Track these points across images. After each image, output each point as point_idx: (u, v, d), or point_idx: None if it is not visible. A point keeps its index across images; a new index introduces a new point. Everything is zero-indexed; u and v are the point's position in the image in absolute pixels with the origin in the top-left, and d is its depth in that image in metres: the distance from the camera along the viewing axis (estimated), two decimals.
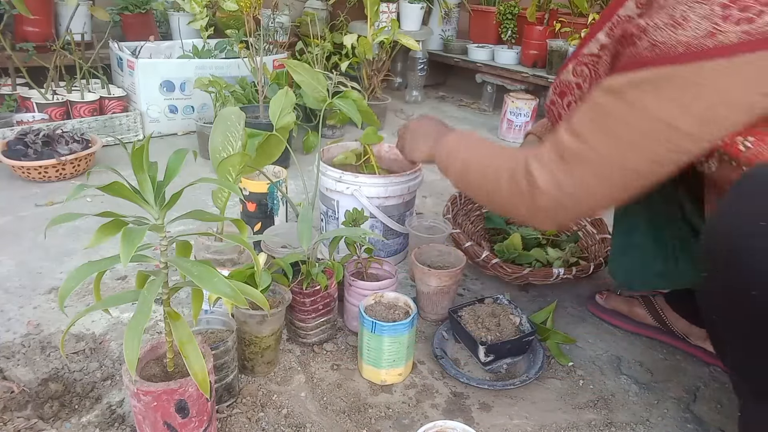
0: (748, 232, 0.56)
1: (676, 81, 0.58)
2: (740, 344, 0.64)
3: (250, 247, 0.67)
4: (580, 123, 0.66)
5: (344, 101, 1.11)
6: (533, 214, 0.73)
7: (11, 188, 1.55)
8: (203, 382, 0.61)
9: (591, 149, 0.65)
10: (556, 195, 0.69)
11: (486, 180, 0.80)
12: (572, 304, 1.16)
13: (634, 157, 0.63)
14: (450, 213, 1.27)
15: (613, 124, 0.63)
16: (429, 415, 0.85)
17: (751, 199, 0.57)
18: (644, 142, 0.61)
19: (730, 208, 0.59)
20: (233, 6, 1.90)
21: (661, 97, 0.59)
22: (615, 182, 0.65)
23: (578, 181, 0.67)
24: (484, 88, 2.78)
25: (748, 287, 0.56)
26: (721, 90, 0.57)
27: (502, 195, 0.77)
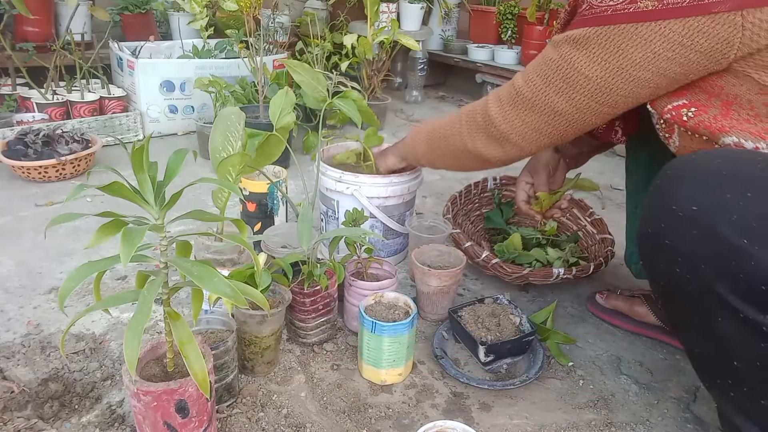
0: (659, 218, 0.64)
1: (595, 40, 0.69)
2: (682, 329, 0.70)
3: (250, 247, 0.67)
4: (529, 68, 0.80)
5: (344, 101, 1.10)
6: (488, 144, 0.87)
7: (11, 188, 1.55)
8: (203, 382, 0.61)
9: (529, 89, 0.79)
10: (501, 125, 0.83)
11: (448, 126, 0.94)
12: (572, 304, 1.16)
13: (558, 99, 0.76)
14: (450, 213, 1.27)
15: (547, 70, 0.76)
16: (429, 415, 0.85)
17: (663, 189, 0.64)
18: (566, 88, 0.75)
19: (648, 198, 0.67)
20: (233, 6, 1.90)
21: (582, 52, 0.71)
22: (543, 119, 0.79)
23: (518, 113, 0.81)
24: (484, 88, 2.78)
25: (666, 269, 0.63)
26: (631, 50, 0.67)
27: (462, 133, 0.90)
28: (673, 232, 0.61)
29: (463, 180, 1.80)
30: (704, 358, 0.68)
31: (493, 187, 1.43)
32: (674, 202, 0.61)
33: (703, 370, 0.70)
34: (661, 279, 0.66)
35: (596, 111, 0.75)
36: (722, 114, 0.67)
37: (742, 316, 0.57)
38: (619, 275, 1.26)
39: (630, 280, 1.18)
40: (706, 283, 0.59)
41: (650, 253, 0.66)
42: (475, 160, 0.91)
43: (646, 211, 0.66)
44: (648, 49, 0.66)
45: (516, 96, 0.81)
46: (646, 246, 0.67)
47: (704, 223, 0.58)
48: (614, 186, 1.83)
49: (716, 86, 0.68)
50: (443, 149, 0.95)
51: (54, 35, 2.09)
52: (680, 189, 0.61)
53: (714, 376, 0.67)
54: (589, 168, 1.98)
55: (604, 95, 0.72)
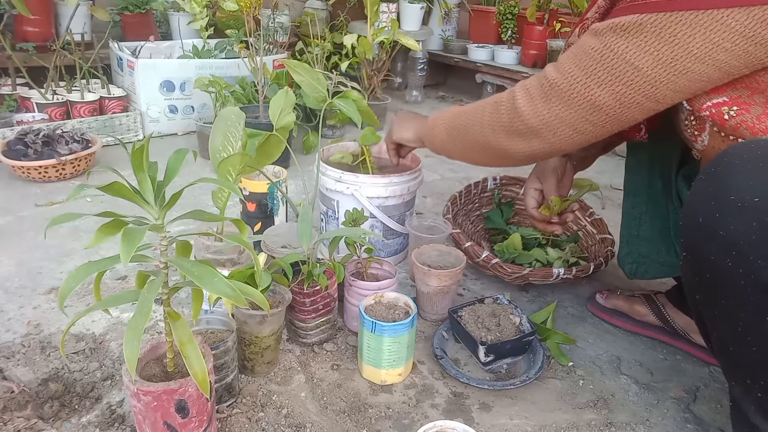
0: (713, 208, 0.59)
1: (648, 27, 0.64)
2: (719, 325, 0.66)
3: (250, 247, 0.67)
4: (563, 58, 0.74)
5: (344, 101, 1.11)
6: (511, 140, 0.80)
7: (11, 188, 1.55)
8: (203, 382, 0.61)
9: (565, 80, 0.72)
10: (530, 120, 0.76)
11: (470, 116, 0.86)
12: (572, 304, 1.16)
13: (599, 92, 0.69)
14: (450, 213, 1.27)
15: (587, 60, 0.70)
16: (429, 415, 0.85)
17: (719, 177, 0.60)
18: (610, 80, 0.68)
19: (700, 186, 0.63)
20: (233, 6, 1.90)
21: (632, 41, 0.65)
22: (581, 114, 0.72)
23: (551, 108, 0.74)
24: (484, 88, 2.78)
25: (716, 260, 0.59)
26: (688, 40, 0.62)
27: (484, 126, 0.83)
28: (729, 223, 0.57)
29: (463, 180, 1.80)
30: (738, 357, 0.64)
31: (493, 187, 1.43)
32: (732, 192, 0.57)
33: (733, 368, 0.67)
34: (707, 272, 0.62)
35: (641, 106, 0.68)
36: (766, 113, 0.64)
37: None
38: (619, 275, 1.26)
39: (630, 281, 1.18)
40: (759, 279, 0.56)
41: (698, 244, 0.62)
42: (496, 155, 0.85)
43: (697, 198, 0.62)
44: (707, 39, 0.61)
45: (549, 88, 0.74)
46: (694, 236, 0.62)
47: (765, 215, 0.54)
48: (614, 186, 1.83)
49: (762, 82, 0.64)
50: (463, 140, 0.88)
51: (54, 35, 2.09)
52: (739, 178, 0.57)
53: (744, 376, 0.64)
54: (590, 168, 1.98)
55: (653, 88, 0.66)
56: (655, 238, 0.99)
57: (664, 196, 0.96)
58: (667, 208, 0.97)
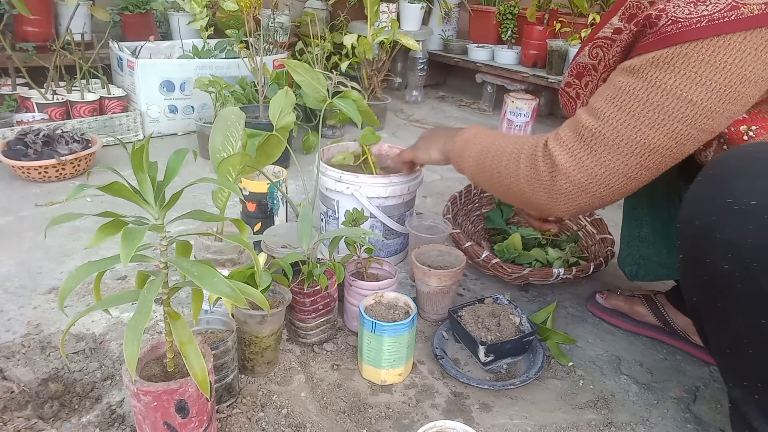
0: (710, 211, 0.58)
1: (694, 57, 0.60)
2: (716, 327, 0.65)
3: (250, 247, 0.67)
4: (599, 102, 0.68)
5: (344, 101, 1.11)
6: (553, 199, 0.73)
7: (11, 188, 1.55)
8: (203, 382, 0.61)
9: (610, 127, 0.66)
10: (576, 176, 0.70)
11: (503, 163, 0.80)
12: (572, 304, 1.16)
13: (652, 134, 0.64)
14: (450, 213, 1.27)
15: (631, 102, 0.65)
16: (429, 415, 0.85)
17: (717, 180, 0.59)
18: (663, 119, 0.63)
19: (697, 189, 0.62)
20: (233, 6, 1.90)
21: (679, 73, 0.61)
22: (634, 160, 0.67)
23: (599, 159, 0.68)
24: (484, 88, 2.78)
25: (713, 263, 0.58)
26: (739, 64, 0.58)
27: (520, 180, 0.76)
28: (726, 226, 0.56)
29: (463, 180, 1.80)
30: (736, 359, 0.64)
31: None
32: (729, 195, 0.56)
33: (732, 371, 0.66)
34: (704, 274, 0.61)
35: (697, 140, 0.64)
36: None
37: None
38: (619, 275, 1.26)
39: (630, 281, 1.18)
40: (757, 282, 0.55)
41: (696, 247, 0.61)
42: (534, 209, 0.81)
43: (695, 201, 0.61)
44: (759, 60, 0.58)
45: (591, 138, 0.68)
46: (691, 238, 0.62)
47: (762, 219, 0.54)
48: None
49: None
50: (495, 184, 0.83)
51: (54, 35, 2.09)
52: (737, 181, 0.56)
53: (742, 378, 0.64)
54: None
55: (709, 120, 0.62)
56: (656, 240, 0.99)
57: (666, 198, 0.96)
58: (669, 211, 0.97)
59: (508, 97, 2.27)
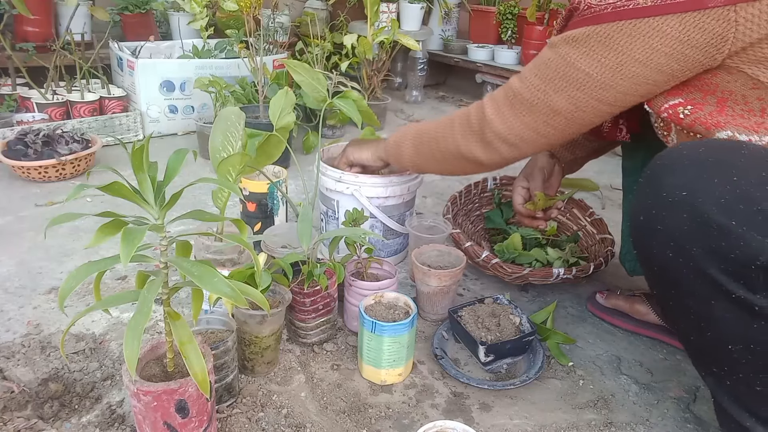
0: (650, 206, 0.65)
1: (594, 37, 0.71)
2: (676, 316, 0.70)
3: (250, 247, 0.67)
4: (526, 69, 0.81)
5: (344, 101, 1.11)
6: (483, 149, 0.86)
7: (11, 188, 1.55)
8: (203, 382, 0.61)
9: (528, 89, 0.79)
10: (498, 127, 0.83)
11: (439, 129, 0.92)
12: (572, 304, 1.16)
13: (557, 98, 0.77)
14: (450, 213, 1.27)
15: (545, 70, 0.77)
16: (429, 415, 0.85)
17: (653, 178, 0.66)
18: (565, 86, 0.75)
19: (639, 188, 0.68)
20: (233, 6, 1.90)
21: (581, 50, 0.72)
22: (542, 119, 0.79)
23: (516, 114, 0.81)
24: (484, 88, 2.78)
25: (659, 253, 0.65)
26: (630, 47, 0.68)
27: (456, 135, 0.89)
28: (664, 218, 0.63)
29: (463, 180, 1.80)
30: (700, 345, 0.69)
31: (493, 187, 1.43)
32: (664, 189, 0.63)
33: (699, 358, 0.71)
34: (654, 265, 0.67)
35: (595, 109, 0.76)
36: (717, 110, 0.69)
37: (734, 297, 0.59)
38: (619, 275, 1.26)
39: (630, 280, 1.18)
40: (698, 266, 0.60)
41: (643, 241, 0.68)
42: (468, 163, 0.90)
43: (638, 200, 0.68)
44: (646, 45, 0.67)
45: (513, 97, 0.81)
46: (639, 234, 0.68)
47: (693, 207, 0.60)
48: (614, 186, 1.83)
49: (711, 84, 0.69)
50: (433, 153, 0.94)
51: (54, 35, 2.09)
52: (669, 177, 0.63)
53: (709, 364, 0.68)
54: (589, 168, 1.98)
55: (603, 92, 0.73)
56: None
57: None
58: None
59: None
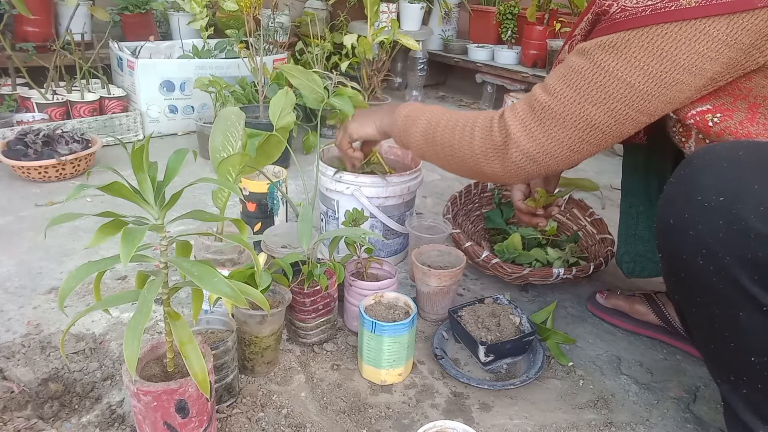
0: (682, 209, 0.62)
1: (636, 43, 0.65)
2: (698, 322, 0.68)
3: (250, 247, 0.67)
4: (552, 80, 0.74)
5: (339, 98, 1.10)
6: (506, 168, 0.79)
7: (11, 188, 1.55)
8: (203, 382, 0.61)
9: (559, 102, 0.72)
10: (526, 145, 0.75)
11: (455, 135, 0.84)
12: (572, 304, 1.16)
13: (595, 111, 0.70)
14: (450, 213, 1.27)
15: (578, 81, 0.70)
16: (429, 415, 0.85)
17: (687, 180, 0.63)
18: (604, 98, 0.69)
19: (670, 189, 0.65)
20: (233, 6, 1.90)
21: (621, 57, 0.66)
22: (577, 134, 0.73)
23: (547, 131, 0.74)
24: (484, 88, 2.78)
25: (689, 259, 0.62)
26: (675, 52, 0.63)
27: (474, 149, 0.81)
28: (698, 222, 0.59)
29: (463, 180, 1.80)
30: (720, 353, 0.66)
31: (493, 187, 1.43)
32: (699, 193, 0.60)
33: (717, 365, 0.69)
34: (681, 271, 0.64)
35: (635, 120, 0.70)
36: (748, 119, 0.66)
37: (765, 309, 0.57)
38: (619, 275, 1.26)
39: (630, 280, 1.18)
40: (730, 275, 0.58)
41: (671, 245, 0.64)
42: (484, 176, 0.84)
43: (668, 200, 0.64)
44: (692, 50, 0.62)
45: (542, 111, 0.74)
46: (667, 237, 0.65)
47: (730, 213, 0.57)
48: (614, 186, 1.83)
49: (744, 88, 0.66)
50: (446, 155, 0.86)
51: (54, 35, 2.09)
52: (705, 179, 0.60)
53: (727, 372, 0.66)
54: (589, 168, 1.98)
55: (646, 102, 0.67)
56: (652, 238, 1.00)
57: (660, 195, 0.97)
58: None
59: (508, 97, 2.28)
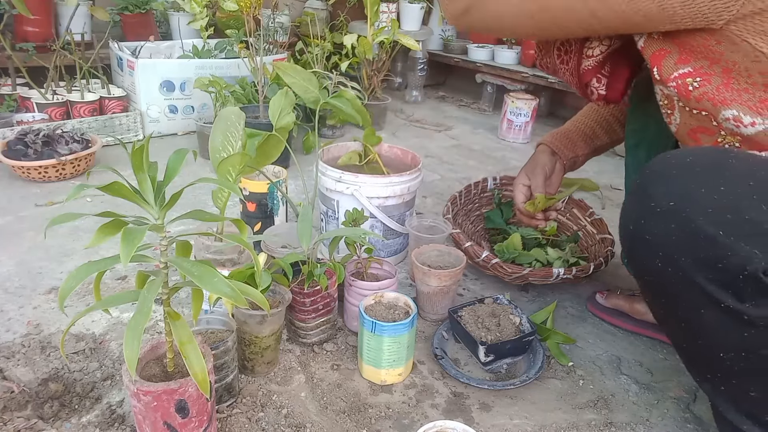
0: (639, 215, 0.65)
1: None
2: (668, 324, 0.71)
3: (250, 247, 0.67)
4: None
5: (339, 100, 1.10)
6: None
7: (11, 188, 1.55)
8: (203, 382, 0.61)
9: None
10: None
11: None
12: (572, 304, 1.16)
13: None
14: (450, 213, 1.27)
15: None
16: (429, 415, 0.85)
17: (642, 187, 0.65)
18: None
19: (629, 197, 0.68)
20: (233, 6, 1.91)
21: None
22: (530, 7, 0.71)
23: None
24: (484, 88, 2.78)
25: (648, 262, 0.65)
26: None
27: None
28: (653, 227, 0.63)
29: (463, 180, 1.80)
30: (692, 353, 0.69)
31: (493, 187, 1.43)
32: (652, 199, 0.63)
33: (693, 365, 0.71)
34: (645, 274, 0.68)
35: (582, 19, 0.70)
36: (724, 84, 0.68)
37: (723, 306, 0.59)
38: (619, 275, 1.26)
39: (630, 280, 1.18)
40: (687, 276, 0.61)
41: (633, 250, 0.68)
42: None
43: (627, 209, 0.68)
44: None
45: None
46: (628, 243, 0.68)
47: (681, 217, 0.60)
48: (614, 186, 1.83)
49: (716, 52, 0.67)
50: None
51: (54, 35, 2.09)
52: (657, 186, 0.63)
53: (704, 371, 0.69)
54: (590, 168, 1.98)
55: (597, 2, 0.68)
56: None
57: None
58: None
59: (508, 97, 2.28)
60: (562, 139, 1.14)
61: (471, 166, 1.97)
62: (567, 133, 1.14)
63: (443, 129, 2.43)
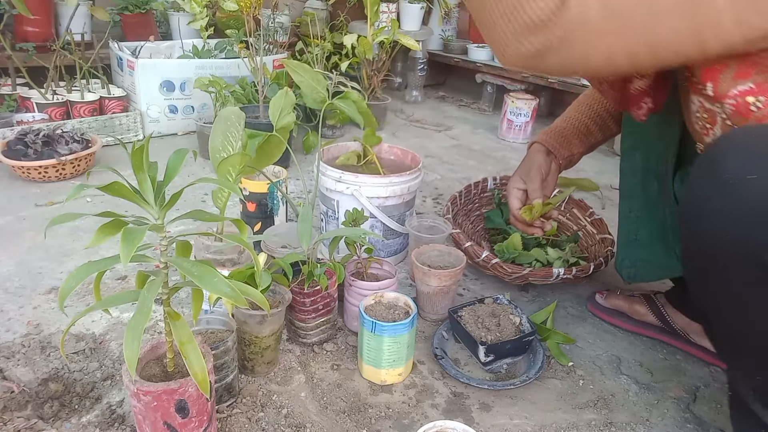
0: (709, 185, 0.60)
1: None
2: (721, 305, 0.66)
3: (250, 247, 0.67)
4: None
5: (344, 102, 1.11)
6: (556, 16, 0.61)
7: (11, 188, 1.55)
8: (203, 382, 0.61)
9: None
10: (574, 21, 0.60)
11: None
12: (572, 304, 1.16)
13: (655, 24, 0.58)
14: (450, 213, 1.27)
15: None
16: (429, 415, 0.85)
17: (714, 158, 0.60)
18: None
19: (697, 168, 0.63)
20: (233, 6, 1.90)
21: None
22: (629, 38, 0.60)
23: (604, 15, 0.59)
24: (484, 88, 2.78)
25: (714, 235, 0.60)
26: None
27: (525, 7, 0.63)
28: (723, 200, 0.59)
29: (463, 180, 1.80)
30: (736, 337, 0.65)
31: (493, 187, 1.43)
32: (726, 171, 0.59)
33: (732, 349, 0.68)
34: (707, 250, 0.63)
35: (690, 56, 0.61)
36: None
37: None
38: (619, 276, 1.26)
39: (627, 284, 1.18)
40: (754, 253, 0.57)
41: (695, 223, 0.63)
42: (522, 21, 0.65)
43: (695, 180, 0.63)
44: None
45: None
46: (691, 215, 0.64)
47: (756, 190, 0.56)
48: (614, 186, 1.83)
49: None
50: None
51: (54, 35, 2.09)
52: (732, 158, 0.59)
53: (743, 356, 0.65)
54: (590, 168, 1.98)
55: None
56: (653, 242, 0.98)
57: (661, 198, 0.96)
58: (664, 211, 0.95)
59: (508, 97, 2.28)
60: (557, 138, 1.09)
61: (471, 166, 1.97)
62: (561, 131, 1.10)
63: (443, 129, 2.43)
